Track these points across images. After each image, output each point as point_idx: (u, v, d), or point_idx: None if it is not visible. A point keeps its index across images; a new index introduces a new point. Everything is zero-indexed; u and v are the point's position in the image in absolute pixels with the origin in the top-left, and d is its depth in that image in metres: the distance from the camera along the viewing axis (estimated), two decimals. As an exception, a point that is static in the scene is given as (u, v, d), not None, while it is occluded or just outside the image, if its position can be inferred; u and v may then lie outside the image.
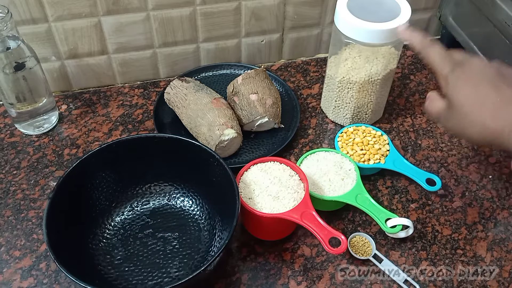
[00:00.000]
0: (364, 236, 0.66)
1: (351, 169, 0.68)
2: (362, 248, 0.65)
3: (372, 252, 0.64)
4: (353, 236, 0.66)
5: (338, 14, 0.69)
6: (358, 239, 0.66)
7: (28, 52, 0.71)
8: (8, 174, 0.73)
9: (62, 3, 0.74)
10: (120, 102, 0.84)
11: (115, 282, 0.61)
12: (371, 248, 0.64)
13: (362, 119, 0.79)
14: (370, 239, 0.65)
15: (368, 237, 0.66)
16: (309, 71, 0.90)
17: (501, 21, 0.74)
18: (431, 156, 0.77)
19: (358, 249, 0.64)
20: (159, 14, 0.79)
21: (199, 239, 0.65)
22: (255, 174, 0.65)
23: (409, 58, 0.93)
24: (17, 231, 0.67)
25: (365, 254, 0.64)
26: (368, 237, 0.66)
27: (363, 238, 0.66)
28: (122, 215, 0.67)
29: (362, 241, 0.65)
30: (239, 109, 0.76)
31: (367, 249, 0.64)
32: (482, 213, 0.70)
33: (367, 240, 0.65)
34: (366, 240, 0.65)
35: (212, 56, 0.87)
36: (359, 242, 0.65)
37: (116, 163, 0.65)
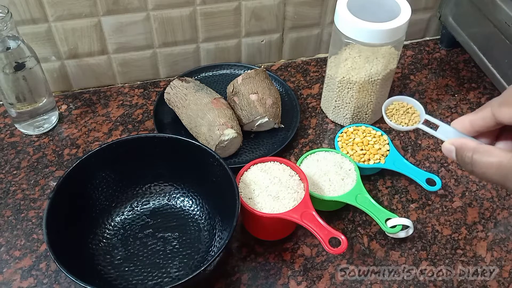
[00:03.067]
0: (406, 101, 0.53)
1: (351, 169, 0.68)
2: (406, 116, 0.54)
3: (421, 119, 0.51)
4: (390, 103, 0.54)
5: (338, 14, 0.69)
6: (397, 105, 0.54)
7: (28, 52, 0.71)
8: (8, 174, 0.73)
9: (62, 3, 0.74)
10: (120, 102, 0.84)
11: (115, 282, 0.61)
12: (418, 114, 0.52)
13: (362, 119, 0.79)
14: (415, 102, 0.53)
15: (411, 101, 0.53)
16: (309, 71, 0.90)
17: (501, 21, 0.74)
18: (431, 156, 0.77)
19: (399, 117, 0.54)
20: (159, 14, 0.79)
21: (199, 239, 0.65)
22: (255, 174, 0.65)
23: (409, 58, 0.93)
24: (17, 231, 0.67)
25: (410, 122, 0.53)
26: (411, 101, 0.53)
27: (403, 103, 0.53)
28: (122, 215, 0.67)
29: (403, 107, 0.54)
30: (239, 109, 0.76)
31: (413, 116, 0.53)
32: (482, 213, 0.70)
33: (410, 105, 0.53)
34: (409, 105, 0.53)
35: (212, 56, 0.87)
36: (399, 110, 0.54)
37: (116, 163, 0.65)
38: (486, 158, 0.40)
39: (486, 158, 0.40)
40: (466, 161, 0.42)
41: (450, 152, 0.44)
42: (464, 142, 0.43)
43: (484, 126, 0.43)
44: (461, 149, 0.43)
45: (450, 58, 0.93)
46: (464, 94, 0.86)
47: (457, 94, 0.87)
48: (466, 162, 0.42)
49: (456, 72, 0.91)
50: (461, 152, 0.42)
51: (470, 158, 0.41)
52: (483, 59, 0.81)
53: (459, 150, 0.43)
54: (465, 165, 0.43)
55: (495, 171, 0.40)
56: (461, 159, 0.43)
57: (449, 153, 0.44)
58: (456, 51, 0.94)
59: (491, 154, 0.40)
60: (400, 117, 0.53)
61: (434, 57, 0.93)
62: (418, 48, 0.95)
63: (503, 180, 0.40)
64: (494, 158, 0.40)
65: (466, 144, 0.42)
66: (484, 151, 0.41)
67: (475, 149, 0.41)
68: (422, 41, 0.97)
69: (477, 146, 0.41)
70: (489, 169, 0.40)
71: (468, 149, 0.42)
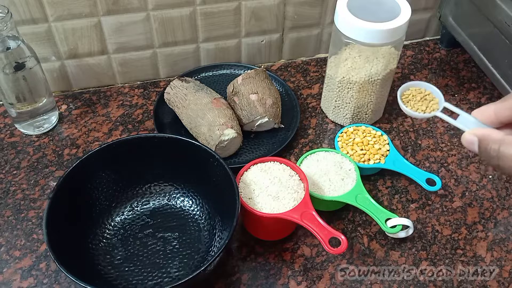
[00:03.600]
0: (424, 87, 0.50)
1: (351, 169, 0.68)
2: (423, 103, 0.50)
3: (440, 106, 0.48)
4: (406, 88, 0.51)
5: (338, 14, 0.69)
6: (414, 91, 0.50)
7: (28, 52, 0.71)
8: (8, 174, 0.73)
9: (62, 3, 0.74)
10: (120, 102, 0.84)
11: (115, 282, 0.61)
12: (436, 101, 0.49)
13: (362, 119, 0.79)
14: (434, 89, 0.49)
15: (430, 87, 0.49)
16: (309, 71, 0.90)
17: (501, 21, 0.74)
18: (431, 156, 0.77)
19: (415, 104, 0.50)
20: (159, 14, 0.79)
21: (199, 239, 0.65)
22: (255, 174, 0.65)
23: (409, 58, 0.93)
24: (17, 231, 0.67)
25: (428, 109, 0.49)
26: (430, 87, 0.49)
27: (421, 89, 0.50)
28: (122, 215, 0.67)
29: (421, 93, 0.50)
30: (239, 109, 0.76)
31: (431, 103, 0.49)
32: (482, 213, 0.70)
33: (428, 92, 0.50)
34: (428, 91, 0.50)
35: (212, 56, 0.87)
36: (416, 96, 0.50)
37: (116, 163, 0.65)
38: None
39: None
40: (492, 154, 0.38)
41: (471, 144, 0.40)
42: (488, 132, 0.39)
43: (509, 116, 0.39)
44: (485, 140, 0.39)
45: (450, 58, 0.93)
46: (464, 94, 0.86)
47: (457, 94, 0.86)
48: (492, 156, 0.38)
49: (456, 72, 0.91)
50: (485, 144, 0.38)
51: (496, 151, 0.37)
52: (483, 59, 0.81)
53: (483, 142, 0.39)
54: (490, 158, 0.39)
55: None
56: (486, 151, 0.39)
57: (470, 145, 0.40)
58: (456, 51, 0.94)
59: None
60: (416, 103, 0.50)
61: (434, 57, 0.93)
62: (418, 48, 0.95)
63: None
64: None
65: (491, 135, 0.38)
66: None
67: (502, 140, 0.37)
68: (422, 41, 0.97)
69: (504, 137, 0.37)
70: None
71: (493, 141, 0.38)
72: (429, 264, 0.64)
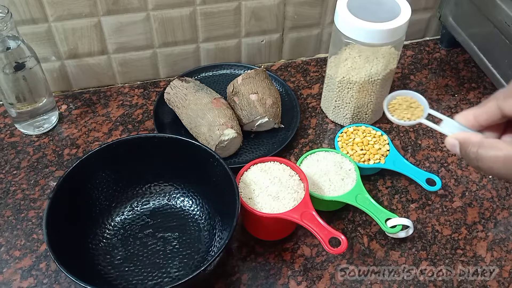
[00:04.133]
0: (410, 95, 0.52)
1: (351, 169, 0.68)
2: (408, 110, 0.52)
3: (425, 113, 0.50)
4: (393, 98, 0.53)
5: (338, 14, 0.69)
6: (400, 100, 0.52)
7: (28, 52, 0.71)
8: (8, 174, 0.73)
9: (62, 3, 0.74)
10: (120, 102, 0.84)
11: (115, 282, 0.61)
12: (422, 108, 0.50)
13: (362, 119, 0.79)
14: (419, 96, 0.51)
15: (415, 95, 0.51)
16: (309, 71, 0.90)
17: (501, 21, 0.74)
18: (431, 156, 0.77)
19: (401, 113, 0.52)
20: (159, 14, 0.79)
21: (199, 239, 0.65)
22: (255, 174, 0.65)
23: (409, 58, 0.93)
24: (17, 231, 0.67)
25: (413, 116, 0.51)
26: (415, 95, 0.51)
27: (407, 98, 0.52)
28: (122, 215, 0.67)
29: (407, 102, 0.52)
30: (239, 109, 0.76)
31: (416, 111, 0.51)
32: (482, 213, 0.70)
33: (414, 100, 0.52)
34: (413, 100, 0.52)
35: (212, 56, 0.87)
36: (402, 105, 0.52)
37: (116, 163, 0.65)
38: (492, 152, 0.38)
39: (492, 152, 0.38)
40: (471, 156, 0.40)
41: (454, 146, 0.42)
42: (468, 136, 0.41)
43: (489, 120, 0.41)
44: (465, 143, 0.41)
45: (450, 58, 0.93)
46: (464, 94, 0.86)
47: (457, 94, 0.87)
48: (471, 158, 0.40)
49: (456, 72, 0.91)
50: (465, 147, 0.41)
51: (475, 153, 0.40)
52: (483, 59, 0.81)
53: (463, 145, 0.41)
54: (470, 160, 0.41)
55: (502, 165, 0.38)
56: (466, 154, 0.41)
57: (453, 147, 0.42)
58: (456, 51, 0.94)
59: (497, 147, 0.39)
60: (402, 112, 0.51)
61: (434, 57, 0.93)
62: (418, 48, 0.95)
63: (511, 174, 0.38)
64: (500, 151, 0.38)
65: (471, 138, 0.40)
66: (490, 145, 0.39)
67: (480, 143, 0.39)
68: (422, 41, 0.97)
69: (482, 140, 0.40)
70: (495, 163, 0.38)
71: (472, 144, 0.40)
72: (429, 264, 0.64)
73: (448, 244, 0.66)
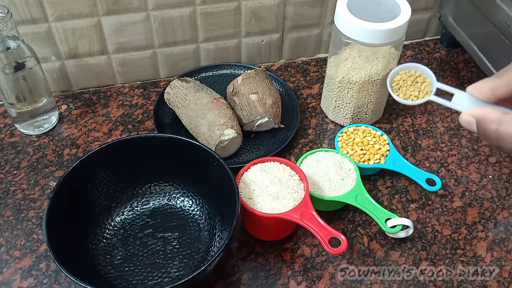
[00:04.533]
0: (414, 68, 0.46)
1: (351, 169, 0.68)
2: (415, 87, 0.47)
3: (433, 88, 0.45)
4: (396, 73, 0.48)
5: (338, 14, 0.69)
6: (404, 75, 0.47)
7: (28, 52, 0.71)
8: (8, 174, 0.73)
9: (62, 3, 0.74)
10: (120, 102, 0.84)
11: (115, 282, 0.61)
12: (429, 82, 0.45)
13: (362, 119, 0.79)
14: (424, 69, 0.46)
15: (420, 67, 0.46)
16: (309, 71, 0.90)
17: (501, 21, 0.74)
18: (431, 156, 0.77)
19: (407, 90, 0.47)
20: (159, 14, 0.79)
21: (199, 239, 0.65)
22: (255, 174, 0.65)
23: (409, 58, 0.93)
24: (17, 231, 0.67)
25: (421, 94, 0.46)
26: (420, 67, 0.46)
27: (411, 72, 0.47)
28: (122, 215, 0.67)
29: (411, 76, 0.47)
30: (239, 109, 0.76)
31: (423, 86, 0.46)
32: (482, 213, 0.70)
33: (418, 73, 0.46)
34: (418, 73, 0.47)
35: (212, 56, 0.87)
36: (406, 81, 0.47)
37: (116, 163, 0.65)
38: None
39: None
40: (491, 135, 0.36)
41: (470, 125, 0.38)
42: (486, 112, 0.36)
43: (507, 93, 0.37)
44: (483, 121, 0.37)
45: (450, 58, 0.93)
46: (464, 94, 0.86)
47: (457, 94, 0.86)
48: (491, 137, 0.36)
49: (456, 72, 0.91)
50: (483, 125, 0.37)
51: (495, 132, 0.36)
52: (483, 59, 0.81)
53: (480, 122, 0.37)
54: (490, 139, 0.37)
55: None
56: (484, 132, 0.37)
57: (469, 125, 0.38)
58: (456, 51, 0.94)
59: None
60: (408, 89, 0.46)
61: (434, 57, 0.93)
62: (418, 48, 0.95)
63: None
64: None
65: (489, 114, 0.36)
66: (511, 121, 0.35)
67: (500, 120, 0.35)
68: (422, 41, 0.97)
69: (501, 116, 0.35)
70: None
71: (492, 121, 0.36)
72: (429, 264, 0.64)
73: (448, 244, 0.66)
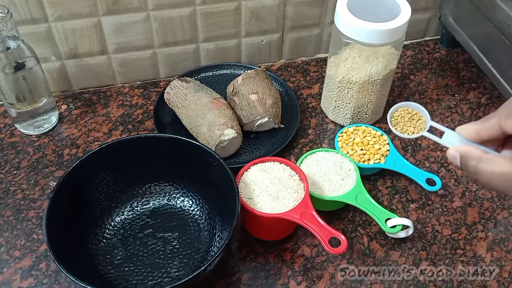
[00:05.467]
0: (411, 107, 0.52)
1: (351, 169, 0.68)
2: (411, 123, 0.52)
3: (427, 125, 0.51)
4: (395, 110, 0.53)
5: (338, 14, 0.69)
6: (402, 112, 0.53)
7: (28, 52, 0.71)
8: (8, 174, 0.73)
9: (62, 3, 0.74)
10: (120, 102, 0.84)
11: (115, 282, 0.61)
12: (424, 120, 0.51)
13: (362, 119, 0.79)
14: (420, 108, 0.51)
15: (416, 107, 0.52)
16: (309, 71, 0.90)
17: (501, 21, 0.74)
18: (431, 156, 0.77)
19: (404, 125, 0.53)
20: (159, 14, 0.79)
21: (199, 239, 0.65)
22: (255, 174, 0.65)
23: (409, 58, 0.93)
24: (17, 231, 0.67)
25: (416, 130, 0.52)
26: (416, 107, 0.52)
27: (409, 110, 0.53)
28: (122, 215, 0.67)
29: (409, 114, 0.53)
30: (239, 109, 0.76)
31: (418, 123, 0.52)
32: (482, 213, 0.70)
33: (415, 112, 0.52)
34: (415, 111, 0.52)
35: (212, 56, 0.87)
36: (404, 117, 0.53)
37: (116, 163, 0.65)
38: (490, 167, 0.40)
39: (490, 167, 0.40)
40: (471, 169, 0.42)
41: (455, 159, 0.44)
42: (469, 150, 0.42)
43: (490, 136, 0.42)
44: (465, 157, 0.42)
45: (450, 58, 0.93)
46: (464, 94, 0.86)
47: (457, 94, 0.87)
48: (471, 171, 0.42)
49: (456, 72, 0.91)
50: (465, 161, 0.42)
51: (474, 167, 0.41)
52: (483, 59, 0.81)
53: (463, 158, 0.43)
54: (469, 173, 0.43)
55: (499, 180, 0.40)
56: (466, 167, 0.42)
57: (454, 159, 0.44)
58: (456, 51, 0.94)
59: (495, 163, 0.40)
60: (405, 124, 0.52)
61: (434, 57, 0.93)
62: (418, 48, 0.95)
63: (507, 189, 0.40)
64: (498, 167, 0.40)
65: (471, 152, 0.42)
66: (488, 160, 0.41)
67: (480, 157, 0.41)
68: (422, 41, 0.97)
69: (481, 154, 0.41)
70: (493, 179, 0.40)
71: (472, 158, 0.41)
72: (429, 264, 0.64)
73: (448, 244, 0.66)
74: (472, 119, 0.82)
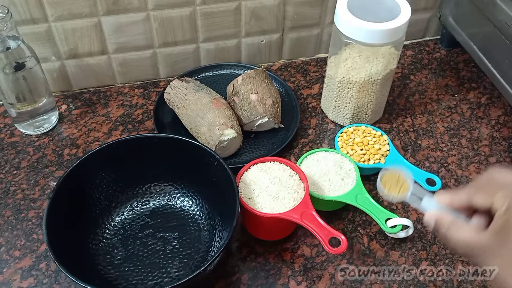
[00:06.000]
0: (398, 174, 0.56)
1: (351, 169, 0.68)
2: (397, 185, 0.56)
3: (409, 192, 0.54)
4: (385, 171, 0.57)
5: (338, 14, 0.69)
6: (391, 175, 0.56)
7: (28, 52, 0.71)
8: (8, 174, 0.73)
9: (62, 3, 0.74)
10: (120, 102, 0.84)
11: (115, 282, 0.61)
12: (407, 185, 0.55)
13: (362, 119, 0.79)
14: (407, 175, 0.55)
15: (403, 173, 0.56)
16: (309, 71, 0.90)
17: (501, 21, 0.74)
18: (431, 156, 0.77)
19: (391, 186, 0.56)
20: (159, 14, 0.79)
21: (199, 239, 0.65)
22: (255, 174, 0.65)
23: (409, 58, 0.93)
24: (17, 231, 0.67)
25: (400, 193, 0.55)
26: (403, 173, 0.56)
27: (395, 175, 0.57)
28: (122, 215, 0.67)
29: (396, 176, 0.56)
30: (239, 109, 0.76)
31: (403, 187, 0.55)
32: (482, 213, 0.70)
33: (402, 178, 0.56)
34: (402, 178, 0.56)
35: (212, 56, 0.87)
36: (392, 179, 0.56)
37: (116, 163, 0.65)
38: (457, 235, 0.45)
39: (457, 235, 0.45)
40: (441, 235, 0.47)
41: (429, 223, 0.48)
42: (442, 217, 0.47)
43: (460, 206, 0.47)
44: (438, 223, 0.47)
45: (450, 58, 0.93)
46: (464, 94, 0.86)
47: (457, 94, 0.87)
48: (441, 236, 0.47)
49: (456, 72, 0.91)
50: (438, 226, 0.47)
51: (444, 233, 0.46)
52: (483, 59, 0.81)
53: (436, 223, 0.48)
54: (440, 237, 0.49)
55: (463, 248, 0.45)
56: (438, 231, 0.48)
57: (429, 224, 0.48)
58: (456, 51, 0.94)
59: (462, 232, 0.45)
60: (393, 185, 0.56)
61: (434, 57, 0.93)
62: (418, 48, 0.95)
63: (469, 256, 0.46)
64: (463, 236, 0.45)
65: (443, 219, 0.47)
66: (457, 228, 0.46)
67: (450, 225, 0.46)
68: (422, 41, 0.97)
69: (451, 222, 0.46)
70: (458, 245, 0.45)
71: (443, 224, 0.47)
72: (429, 264, 0.64)
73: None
74: (472, 119, 0.82)
